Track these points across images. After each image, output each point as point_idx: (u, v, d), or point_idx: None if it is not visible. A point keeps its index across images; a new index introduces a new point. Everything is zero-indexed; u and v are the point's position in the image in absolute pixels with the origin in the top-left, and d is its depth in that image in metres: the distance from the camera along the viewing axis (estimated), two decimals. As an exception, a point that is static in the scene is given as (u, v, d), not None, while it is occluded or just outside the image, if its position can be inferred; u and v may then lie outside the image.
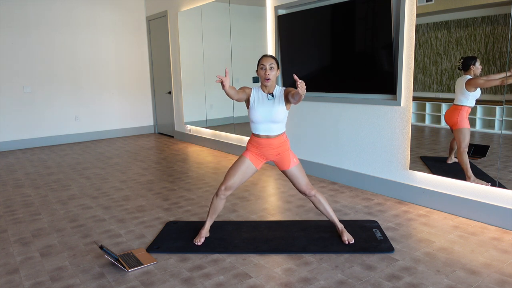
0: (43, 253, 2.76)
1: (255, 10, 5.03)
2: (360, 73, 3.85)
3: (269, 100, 2.62)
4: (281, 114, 2.62)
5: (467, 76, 2.97)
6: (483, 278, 2.30)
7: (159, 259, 2.63)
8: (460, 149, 3.12)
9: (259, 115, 2.62)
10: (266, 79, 2.58)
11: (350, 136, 4.07)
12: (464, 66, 2.97)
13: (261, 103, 2.63)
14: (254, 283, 2.30)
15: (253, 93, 2.66)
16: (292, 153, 2.75)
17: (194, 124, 6.81)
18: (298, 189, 2.79)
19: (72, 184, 4.50)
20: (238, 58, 5.46)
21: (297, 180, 2.75)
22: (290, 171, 2.73)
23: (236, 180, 2.72)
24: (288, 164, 2.72)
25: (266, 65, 2.57)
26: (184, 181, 4.51)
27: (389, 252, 2.62)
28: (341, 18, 3.93)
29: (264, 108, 2.62)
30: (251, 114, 2.66)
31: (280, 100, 2.62)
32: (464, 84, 3.00)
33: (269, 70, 2.57)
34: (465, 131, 3.08)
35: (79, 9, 7.05)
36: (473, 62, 2.91)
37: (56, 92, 6.99)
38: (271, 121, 2.62)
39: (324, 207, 2.79)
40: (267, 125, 2.64)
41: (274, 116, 2.61)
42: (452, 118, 3.15)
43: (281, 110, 2.62)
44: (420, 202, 3.51)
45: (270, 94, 2.62)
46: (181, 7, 6.63)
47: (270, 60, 2.59)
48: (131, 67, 7.78)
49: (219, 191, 2.75)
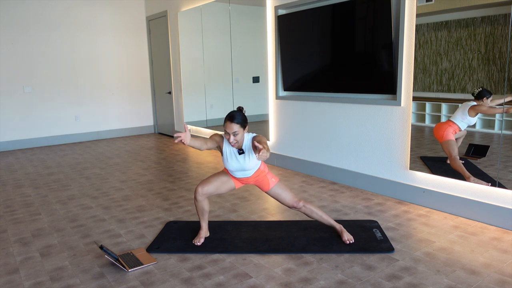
0: (43, 253, 2.76)
1: (255, 10, 5.03)
2: (360, 73, 3.85)
3: (240, 156, 2.64)
4: (254, 162, 2.65)
5: (474, 102, 3.00)
6: (483, 278, 2.30)
7: (159, 259, 2.63)
8: (452, 157, 3.18)
9: (232, 167, 2.68)
10: (233, 145, 2.57)
11: (350, 136, 4.07)
12: (478, 96, 2.99)
13: (233, 158, 2.66)
14: (254, 283, 2.30)
15: (225, 145, 2.67)
16: (270, 174, 2.79)
17: (194, 124, 6.81)
18: (285, 205, 2.80)
19: (72, 184, 4.50)
20: (238, 58, 5.46)
21: (281, 197, 2.78)
22: (271, 191, 2.78)
23: (212, 187, 2.74)
24: (267, 186, 2.77)
25: (230, 133, 2.52)
26: (184, 181, 4.51)
27: (389, 252, 2.62)
28: (341, 18, 3.93)
29: (236, 162, 2.65)
30: (224, 162, 2.71)
31: (251, 151, 2.63)
32: (468, 108, 3.03)
33: (233, 137, 2.52)
34: (451, 142, 3.17)
35: (79, 9, 7.05)
36: (488, 96, 2.93)
37: (56, 92, 6.99)
38: (245, 170, 2.67)
39: (318, 214, 2.79)
40: (241, 172, 2.70)
41: (248, 166, 2.65)
42: (439, 131, 3.24)
43: (253, 160, 2.64)
44: (420, 202, 3.51)
45: (240, 150, 2.64)
46: (181, 7, 6.63)
47: (233, 128, 2.50)
48: (131, 67, 7.78)
49: (196, 194, 2.73)
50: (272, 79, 4.94)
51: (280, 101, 4.88)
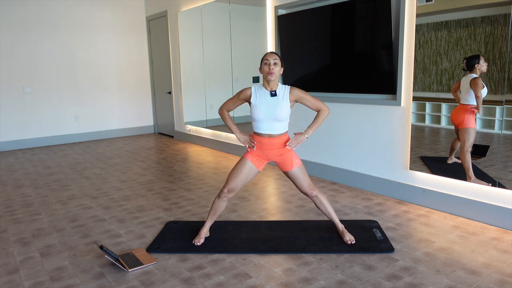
0: (43, 253, 2.76)
1: (255, 10, 5.03)
2: (360, 73, 3.85)
3: (272, 98, 2.59)
4: (285, 112, 2.58)
5: (472, 74, 2.95)
6: (483, 278, 2.30)
7: (159, 259, 2.63)
8: (464, 148, 3.09)
9: (261, 113, 2.59)
10: (270, 73, 2.53)
11: (350, 136, 4.07)
12: (468, 66, 2.95)
13: (264, 100, 2.60)
14: (254, 283, 2.30)
15: (254, 91, 2.63)
16: (295, 154, 2.73)
17: (194, 124, 6.81)
18: (300, 190, 2.77)
19: (72, 184, 4.50)
20: (238, 58, 5.46)
21: (299, 181, 2.73)
22: (292, 172, 2.71)
23: (239, 182, 2.70)
24: (290, 165, 2.70)
25: (270, 60, 2.53)
26: (184, 181, 4.51)
27: (389, 252, 2.62)
28: (341, 18, 3.93)
29: (266, 106, 2.58)
30: (253, 112, 2.63)
31: (283, 98, 2.59)
32: (469, 84, 2.98)
33: (273, 65, 2.52)
34: (470, 130, 3.05)
35: (79, 9, 7.05)
36: (477, 60, 2.89)
37: (56, 92, 6.99)
38: (273, 119, 2.59)
39: (326, 208, 2.79)
40: (269, 124, 2.61)
41: (277, 114, 2.57)
42: (459, 117, 3.11)
43: (285, 108, 2.58)
44: (420, 202, 3.51)
45: (273, 91, 2.59)
46: (181, 7, 6.63)
47: (274, 56, 2.55)
48: (131, 67, 7.78)
49: (221, 194, 2.73)
50: (272, 79, 4.93)
51: (280, 101, 4.88)
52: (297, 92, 2.61)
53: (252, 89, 2.65)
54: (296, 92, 2.60)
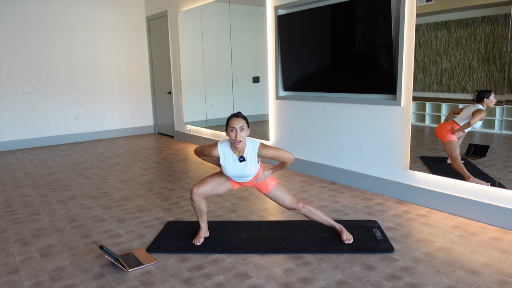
0: (43, 253, 2.76)
1: (255, 10, 5.03)
2: (360, 73, 3.85)
3: (241, 163, 2.58)
4: (254, 169, 2.61)
5: (479, 106, 2.99)
6: (483, 278, 2.30)
7: (159, 259, 2.63)
8: (453, 158, 3.17)
9: (231, 173, 2.62)
10: (237, 142, 2.46)
11: (350, 136, 4.07)
12: (478, 99, 2.98)
13: (232, 164, 2.58)
14: (254, 283, 2.30)
15: (221, 152, 2.58)
16: (269, 177, 2.76)
17: (194, 124, 6.81)
18: (284, 207, 2.80)
19: (72, 184, 4.50)
20: (238, 58, 5.46)
21: (280, 199, 2.76)
22: (270, 194, 2.76)
23: (207, 188, 2.72)
24: (266, 188, 2.75)
25: (236, 128, 2.43)
26: (184, 181, 4.51)
27: (389, 252, 2.62)
28: (341, 18, 3.93)
29: (235, 168, 2.59)
30: (222, 169, 2.63)
31: (252, 160, 2.57)
32: (472, 112, 3.02)
33: (240, 132, 2.44)
34: (453, 143, 3.16)
35: (79, 9, 7.05)
36: (487, 95, 2.92)
37: (56, 92, 6.99)
38: (244, 176, 2.64)
39: (317, 215, 2.79)
40: (241, 178, 2.67)
41: (247, 173, 2.61)
42: (442, 132, 3.22)
43: (254, 167, 2.60)
44: (420, 202, 3.51)
45: (241, 157, 2.56)
46: (181, 7, 6.63)
47: (240, 122, 2.45)
48: (131, 67, 7.78)
49: (192, 195, 2.73)
50: (272, 79, 4.94)
51: (280, 101, 4.88)
52: (265, 152, 2.55)
53: (219, 149, 2.58)
54: (264, 152, 2.55)
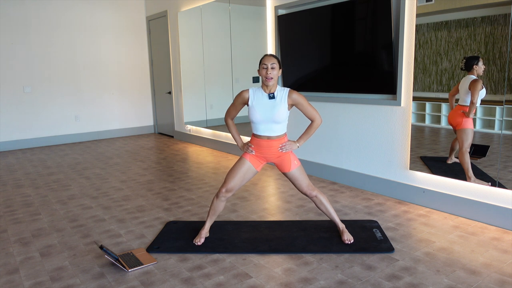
0: (43, 253, 2.76)
1: (255, 10, 5.03)
2: (360, 73, 3.85)
3: (269, 100, 2.58)
4: (282, 114, 2.58)
5: (472, 76, 2.96)
6: (483, 278, 2.30)
7: (159, 259, 2.63)
8: (462, 149, 3.11)
9: (258, 115, 2.59)
10: (268, 79, 2.54)
11: (350, 136, 4.07)
12: (467, 66, 2.96)
13: (261, 103, 2.59)
14: (254, 283, 2.30)
15: (252, 94, 2.63)
16: (293, 155, 2.74)
17: (194, 124, 6.81)
18: (299, 190, 2.78)
19: (72, 184, 4.50)
20: (238, 58, 5.46)
21: (298, 182, 2.74)
22: (291, 173, 2.72)
23: (237, 182, 2.71)
24: (288, 167, 2.71)
25: (268, 65, 2.52)
26: (184, 181, 4.51)
27: (389, 252, 2.62)
28: (341, 18, 3.93)
29: (264, 108, 2.58)
30: (250, 114, 2.62)
31: (281, 101, 2.58)
32: (469, 86, 2.99)
33: (270, 70, 2.52)
34: (468, 131, 3.06)
35: (79, 9, 7.05)
36: (476, 62, 2.90)
37: (56, 92, 6.99)
38: (271, 121, 2.59)
39: (326, 207, 2.79)
40: (267, 125, 2.61)
41: (275, 116, 2.57)
42: (456, 118, 3.12)
43: (282, 110, 2.58)
44: (420, 202, 3.51)
45: (271, 93, 2.58)
46: (181, 7, 6.63)
47: (272, 60, 2.54)
48: (131, 67, 7.78)
49: (219, 193, 2.74)
50: (272, 79, 4.93)
51: (280, 101, 4.87)
52: (295, 96, 2.59)
53: (250, 91, 2.64)
54: (295, 97, 2.59)
